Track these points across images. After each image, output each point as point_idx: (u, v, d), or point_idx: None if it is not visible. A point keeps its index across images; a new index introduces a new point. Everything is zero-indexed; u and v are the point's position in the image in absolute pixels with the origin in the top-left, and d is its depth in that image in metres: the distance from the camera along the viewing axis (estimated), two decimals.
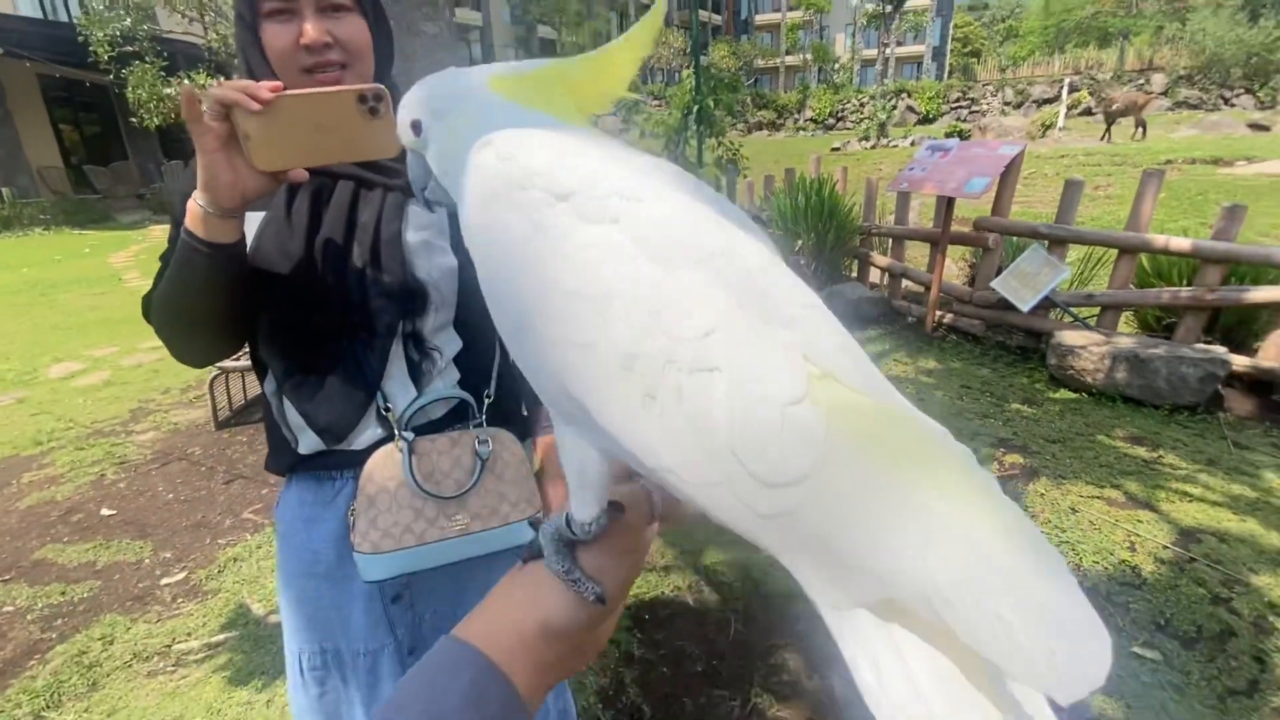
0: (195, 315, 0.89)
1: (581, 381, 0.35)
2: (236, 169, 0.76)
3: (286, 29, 0.86)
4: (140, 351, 5.55)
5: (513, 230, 0.37)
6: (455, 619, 1.05)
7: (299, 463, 1.00)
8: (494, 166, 0.40)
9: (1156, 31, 31.62)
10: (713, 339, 0.32)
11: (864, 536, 0.29)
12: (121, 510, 3.09)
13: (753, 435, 0.31)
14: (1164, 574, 2.22)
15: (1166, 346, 3.48)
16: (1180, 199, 8.89)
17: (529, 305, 0.36)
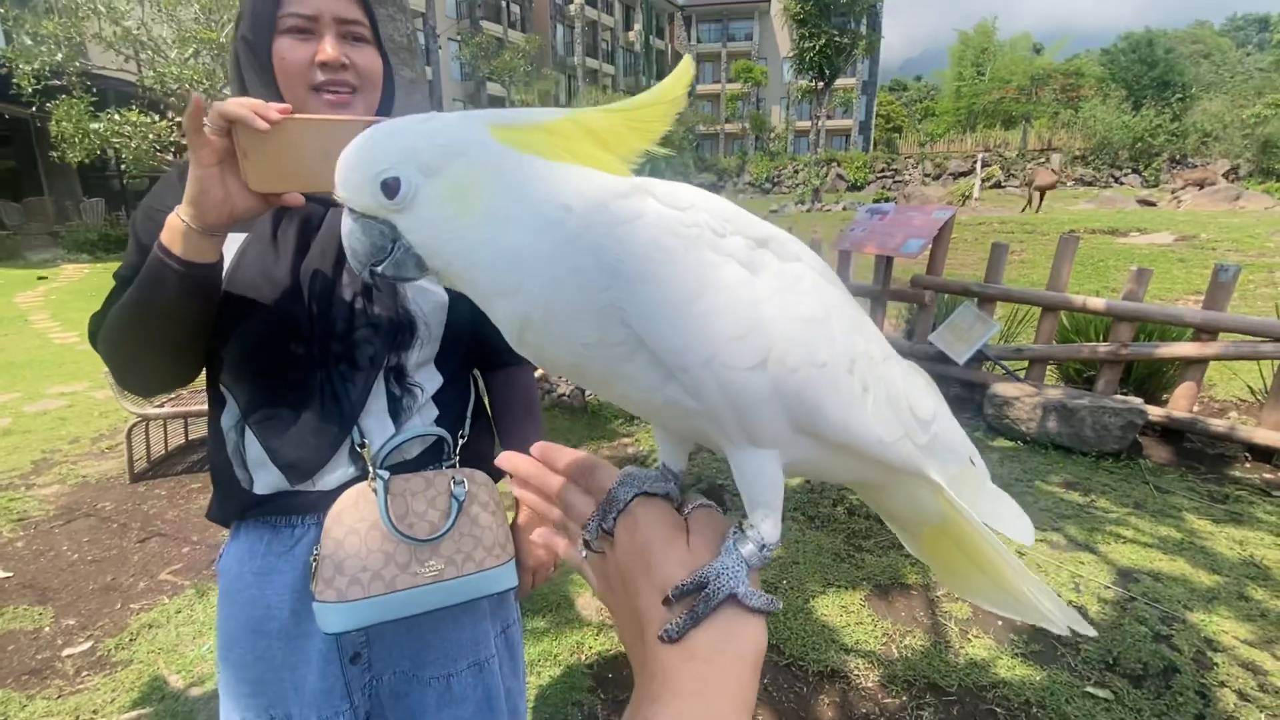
0: (155, 338, 0.83)
1: (819, 393, 0.40)
2: (228, 187, 0.73)
3: (304, 46, 0.86)
4: (46, 397, 5.10)
5: (725, 273, 0.38)
6: (415, 680, 1.00)
7: (251, 507, 0.93)
8: (674, 216, 0.38)
9: (1054, 116, 35.27)
10: (882, 338, 0.45)
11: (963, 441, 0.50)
12: (19, 572, 2.77)
13: (914, 396, 0.46)
14: (1108, 613, 2.31)
15: (1090, 397, 3.74)
16: (1085, 264, 9.73)
17: (761, 333, 0.38)
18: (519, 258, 0.38)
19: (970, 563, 0.49)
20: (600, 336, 0.38)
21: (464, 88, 34.46)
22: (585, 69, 41.41)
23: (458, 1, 33.72)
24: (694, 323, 0.37)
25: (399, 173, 0.39)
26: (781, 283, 0.40)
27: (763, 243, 0.41)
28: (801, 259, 0.42)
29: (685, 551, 0.42)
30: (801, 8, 24.91)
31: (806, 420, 0.40)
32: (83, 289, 10.32)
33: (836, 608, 2.40)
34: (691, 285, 0.37)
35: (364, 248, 0.44)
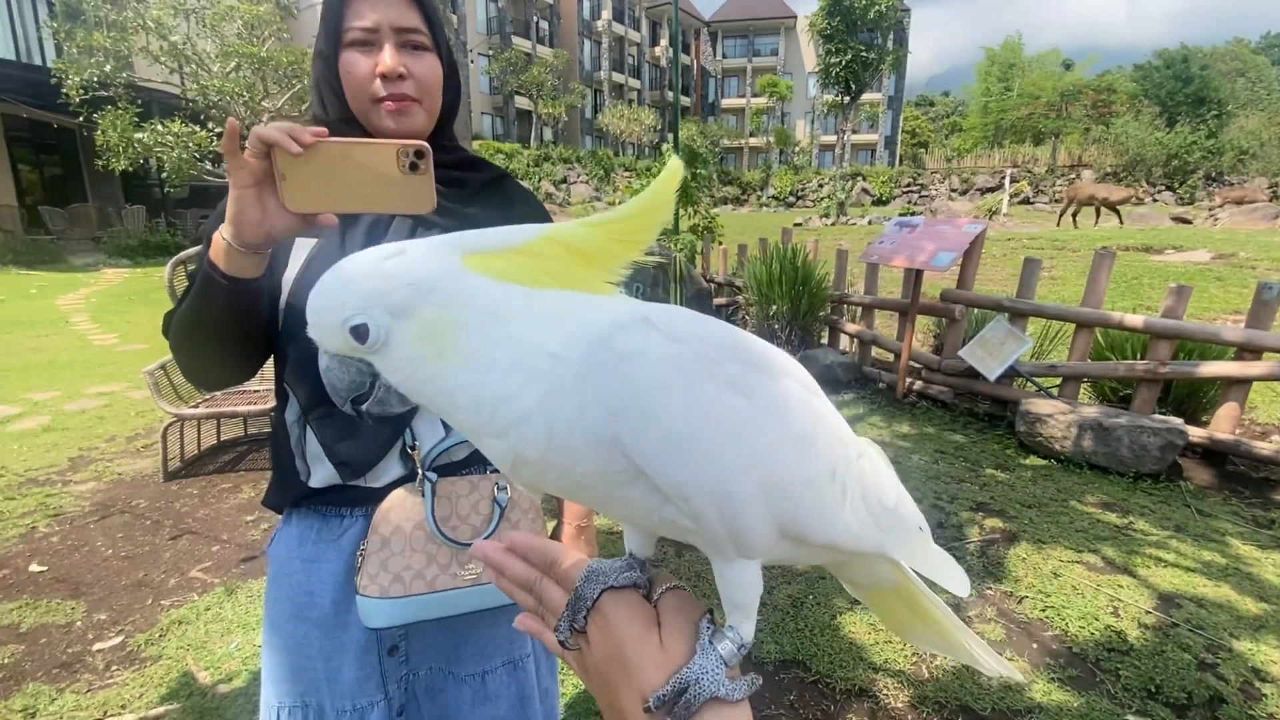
0: (208, 341, 0.87)
1: (805, 506, 0.41)
2: (266, 207, 0.74)
3: (365, 58, 0.87)
4: (85, 397, 5.25)
5: (724, 401, 0.38)
6: (450, 676, 1.00)
7: (306, 497, 0.95)
8: (678, 351, 0.38)
9: (1084, 132, 34.73)
10: (853, 437, 0.46)
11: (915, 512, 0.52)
12: (53, 567, 2.83)
13: (881, 485, 0.48)
14: (1149, 639, 2.23)
15: (1128, 416, 3.64)
16: (1118, 281, 9.52)
17: (759, 462, 0.39)
18: (509, 404, 0.38)
19: (914, 615, 0.54)
20: (601, 469, 0.38)
21: (492, 101, 35.07)
22: (611, 83, 41.89)
23: (488, 18, 34.40)
24: (697, 457, 0.37)
25: (366, 318, 0.38)
26: (774, 404, 0.40)
27: (756, 365, 0.41)
28: (790, 374, 0.43)
29: (659, 652, 0.41)
30: (828, 23, 24.94)
31: (794, 531, 0.42)
32: (122, 293, 10.64)
33: (865, 625, 2.35)
34: (694, 421, 0.37)
35: (343, 385, 0.44)
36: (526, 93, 33.50)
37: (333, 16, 0.88)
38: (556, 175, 30.10)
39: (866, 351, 5.62)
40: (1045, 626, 2.33)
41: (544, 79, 32.62)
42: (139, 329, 7.89)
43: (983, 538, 2.91)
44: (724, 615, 0.44)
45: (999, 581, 2.60)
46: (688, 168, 8.44)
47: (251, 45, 11.81)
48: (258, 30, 12.29)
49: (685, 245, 7.96)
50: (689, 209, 8.74)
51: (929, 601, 0.51)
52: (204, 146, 10.89)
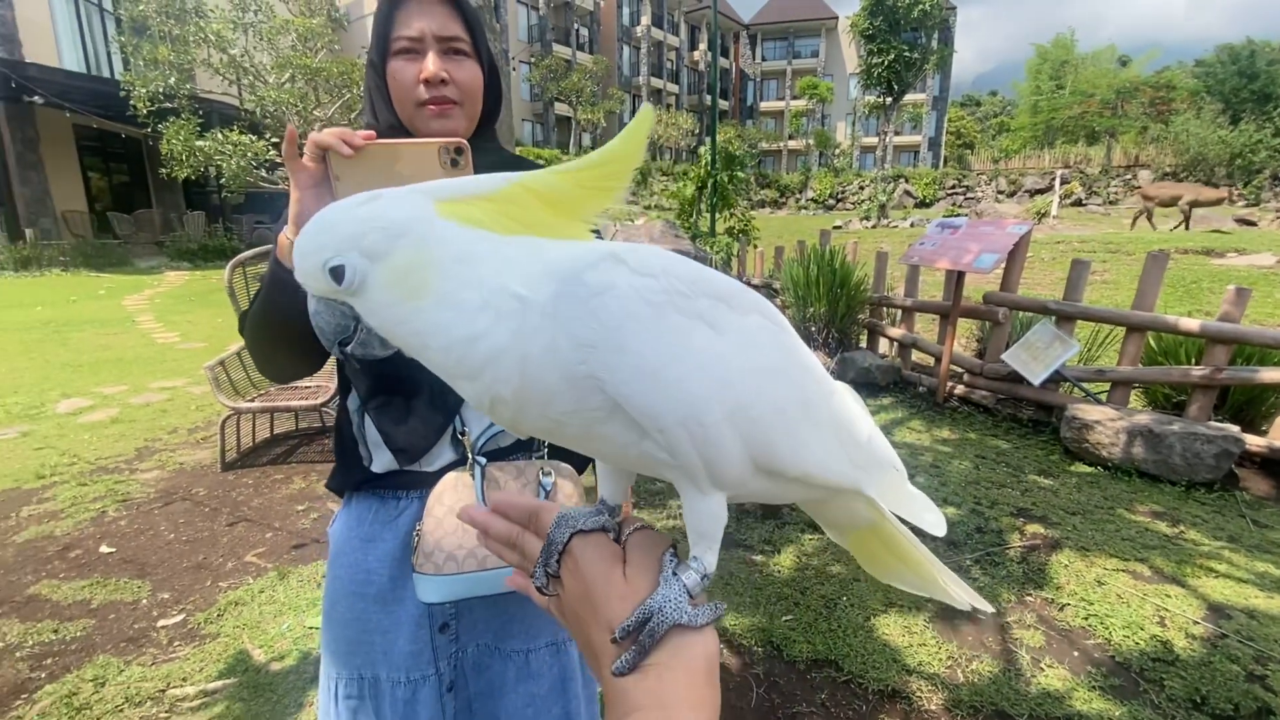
0: (279, 336, 0.93)
1: (776, 435, 0.42)
2: (324, 207, 0.82)
3: (411, 66, 0.94)
4: (150, 391, 5.55)
5: (693, 332, 0.40)
6: (496, 653, 1.05)
7: (367, 481, 1.02)
8: (646, 285, 0.39)
9: (1141, 131, 33.31)
10: (826, 374, 0.48)
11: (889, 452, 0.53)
12: (121, 548, 3.02)
13: (852, 422, 0.48)
14: (1196, 650, 2.16)
15: (1181, 423, 3.50)
16: (1176, 286, 9.13)
17: (729, 390, 0.40)
18: (479, 343, 0.39)
19: (891, 555, 0.54)
20: (577, 406, 0.39)
21: (532, 108, 35.59)
22: (650, 88, 42.07)
23: (530, 26, 34.97)
24: (669, 386, 0.38)
25: (343, 260, 0.39)
26: (743, 337, 0.42)
27: (725, 300, 0.42)
28: (759, 310, 0.44)
29: (624, 585, 0.42)
30: (870, 23, 24.57)
31: (767, 461, 0.42)
32: (183, 294, 11.18)
33: (899, 627, 2.33)
34: (665, 351, 0.38)
35: (329, 327, 0.46)
36: (566, 99, 33.91)
37: (381, 28, 0.95)
38: None
39: (906, 355, 5.53)
40: (1087, 635, 2.28)
41: (583, 85, 32.98)
42: (198, 328, 8.30)
43: (1024, 543, 2.85)
44: (689, 548, 0.45)
45: (1040, 588, 2.54)
46: (725, 170, 8.44)
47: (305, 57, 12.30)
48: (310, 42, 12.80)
49: (722, 248, 7.96)
50: (725, 212, 8.74)
51: (906, 541, 0.51)
52: (260, 155, 11.38)
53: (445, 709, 1.02)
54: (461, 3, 0.96)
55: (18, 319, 8.66)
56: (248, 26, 12.64)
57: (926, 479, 3.48)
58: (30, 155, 14.24)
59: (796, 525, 3.05)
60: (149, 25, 12.43)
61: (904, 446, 3.98)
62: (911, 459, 3.74)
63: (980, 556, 2.77)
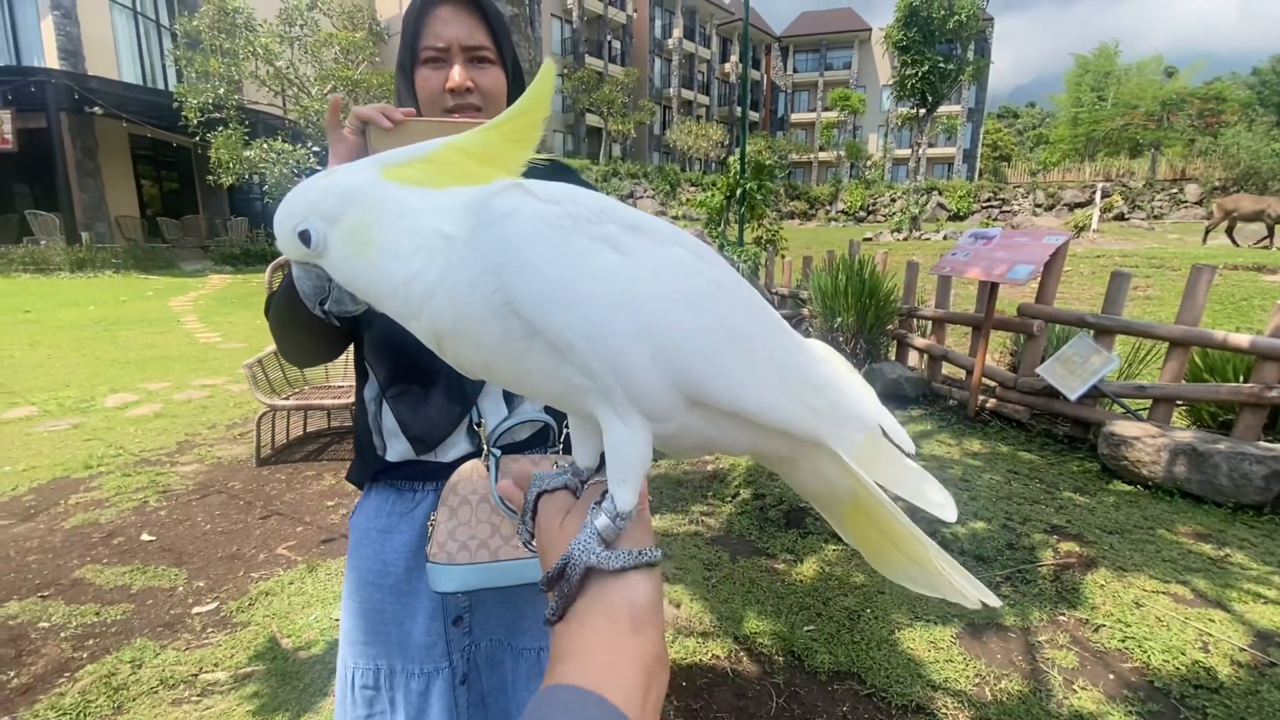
0: (299, 320, 0.95)
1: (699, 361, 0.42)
2: None
3: (438, 74, 0.98)
4: (191, 388, 5.75)
5: (601, 259, 0.41)
6: (509, 649, 1.06)
7: (383, 471, 1.03)
8: (549, 210, 0.41)
9: (1189, 144, 32.28)
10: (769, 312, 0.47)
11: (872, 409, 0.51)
12: (160, 537, 3.12)
13: (807, 363, 0.47)
14: (1242, 678, 2.06)
15: (1228, 443, 3.37)
16: (1224, 302, 8.80)
17: (636, 310, 0.40)
18: (415, 282, 0.42)
19: (889, 541, 0.50)
20: (503, 334, 0.41)
21: (564, 119, 36.08)
22: (680, 99, 42.31)
23: (563, 39, 35.52)
24: (573, 304, 0.40)
25: (307, 225, 0.44)
26: (655, 264, 0.42)
27: (636, 228, 0.43)
28: (681, 243, 0.44)
29: (558, 534, 0.44)
30: (904, 35, 24.34)
31: (693, 389, 0.42)
32: (225, 296, 11.57)
33: (924, 642, 2.28)
34: (568, 269, 0.40)
35: (309, 288, 0.53)
36: (597, 110, 34.29)
37: (410, 36, 0.99)
38: (623, 190, 30.60)
39: (936, 368, 5.43)
40: (1124, 657, 2.20)
41: (615, 97, 33.33)
42: (238, 329, 8.57)
43: (1057, 561, 2.77)
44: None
45: (1074, 608, 2.46)
46: (754, 180, 8.44)
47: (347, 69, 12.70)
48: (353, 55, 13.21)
49: (749, 257, 7.94)
50: (754, 222, 8.72)
51: (894, 518, 0.48)
52: (301, 162, 11.76)
53: (458, 702, 1.03)
54: (486, 11, 0.99)
55: (72, 317, 9.06)
56: (294, 40, 13.11)
57: (955, 492, 3.40)
58: (89, 163, 14.94)
59: (820, 535, 3.02)
60: (202, 39, 12.97)
61: (932, 459, 3.90)
62: (940, 471, 3.66)
63: (1011, 573, 2.70)
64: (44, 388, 5.63)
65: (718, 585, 2.67)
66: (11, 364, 6.47)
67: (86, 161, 14.85)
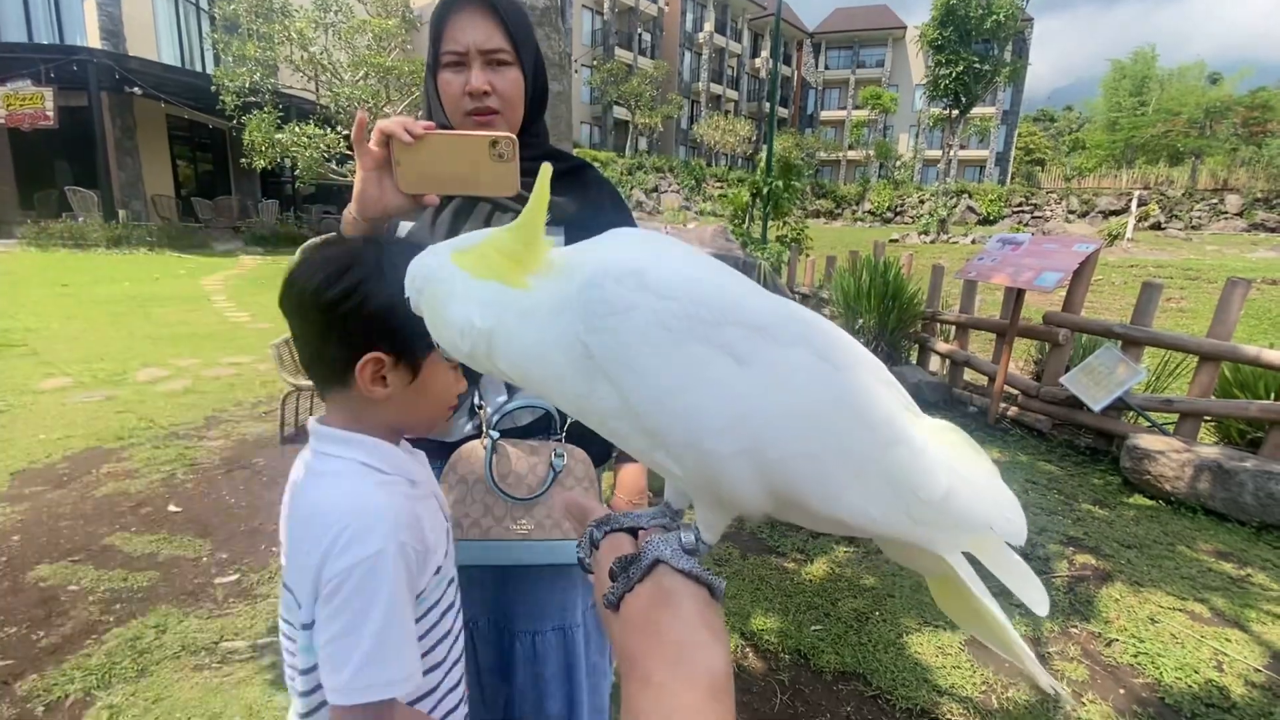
0: None
1: (803, 480, 0.41)
2: (384, 188, 0.89)
3: (458, 77, 1.01)
4: (220, 365, 5.89)
5: (714, 369, 0.40)
6: (505, 631, 1.10)
7: None
8: (666, 308, 0.40)
9: (1231, 153, 31.32)
10: (890, 422, 0.43)
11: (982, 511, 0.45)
12: (187, 509, 3.22)
13: (922, 477, 0.43)
14: (1257, 699, 2.03)
15: (1255, 461, 3.30)
16: (1260, 318, 8.56)
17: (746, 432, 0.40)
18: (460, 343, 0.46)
19: (974, 616, 0.50)
20: (590, 389, 0.41)
21: (591, 111, 36.08)
22: (709, 94, 42.05)
23: (593, 30, 35.48)
24: (678, 415, 0.39)
25: (410, 293, 0.50)
26: (773, 374, 0.40)
27: (759, 330, 0.41)
28: (808, 343, 0.42)
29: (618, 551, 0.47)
30: (940, 34, 23.91)
31: (790, 498, 0.42)
32: (256, 276, 11.80)
33: (932, 647, 2.28)
34: (678, 379, 0.39)
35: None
36: (625, 103, 34.21)
37: (434, 40, 1.03)
38: (648, 184, 30.55)
39: (958, 373, 5.37)
40: (1136, 673, 2.17)
41: (643, 90, 33.21)
42: (267, 310, 8.74)
43: (1072, 573, 2.74)
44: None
45: (1086, 620, 2.44)
46: (782, 179, 8.38)
47: (379, 55, 12.82)
48: (385, 42, 13.33)
49: (772, 255, 7.91)
50: (779, 220, 8.67)
51: (984, 602, 0.46)
52: (332, 147, 11.92)
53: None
54: (504, 14, 1.01)
55: (108, 293, 9.31)
56: (328, 26, 13.26)
57: None
58: (128, 142, 15.29)
59: (831, 536, 3.01)
60: (240, 23, 13.19)
61: None
62: None
63: None
64: (79, 359, 5.81)
65: (727, 581, 2.68)
66: (49, 335, 6.68)
67: (125, 140, 15.20)
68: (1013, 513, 0.46)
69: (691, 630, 0.41)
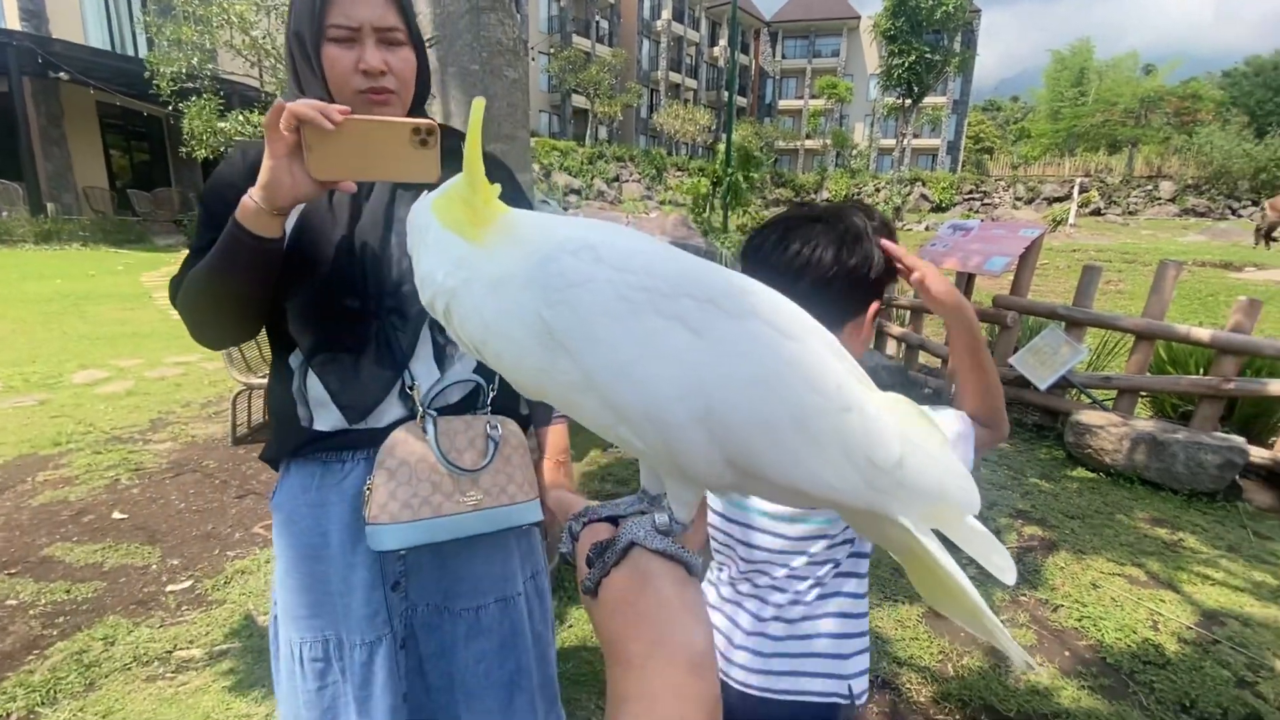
0: (226, 299, 0.94)
1: (759, 447, 0.41)
2: (295, 175, 0.83)
3: (348, 54, 0.95)
4: (164, 365, 5.64)
5: (670, 340, 0.40)
6: (446, 612, 1.08)
7: (309, 443, 1.02)
8: (623, 280, 0.40)
9: (1164, 141, 32.86)
10: (841, 388, 0.44)
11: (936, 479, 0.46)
12: (133, 515, 3.09)
13: (875, 443, 0.43)
14: (1188, 654, 2.17)
15: (1185, 432, 3.50)
16: (1191, 298, 9.05)
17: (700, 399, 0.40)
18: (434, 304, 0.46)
19: (945, 592, 0.50)
20: (551, 363, 0.41)
21: (550, 99, 35.60)
22: (668, 83, 41.95)
23: (550, 16, 34.94)
24: (636, 384, 0.40)
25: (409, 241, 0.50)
26: (726, 344, 0.41)
27: (711, 301, 0.42)
28: (759, 315, 0.43)
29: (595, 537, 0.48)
30: (892, 24, 24.37)
31: (749, 467, 0.42)
32: None
33: (892, 621, 2.36)
34: (635, 350, 0.40)
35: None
36: (584, 91, 33.86)
37: (314, 9, 0.94)
38: (609, 174, 30.35)
39: (913, 356, 5.53)
40: (1080, 635, 2.30)
41: (602, 78, 32.90)
42: None
43: (1020, 544, 2.87)
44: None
45: (1034, 588, 2.56)
46: (741, 170, 8.44)
47: None
48: None
49: (734, 245, 7.97)
50: (739, 209, 8.74)
51: (953, 576, 0.47)
52: None
53: (399, 666, 1.05)
54: None
55: (38, 291, 8.80)
56: (271, 9, 12.69)
57: None
58: (54, 131, 14.41)
59: None
60: (174, 5, 12.54)
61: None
62: None
63: None
64: (8, 362, 5.49)
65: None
66: None
67: (51, 129, 14.32)
68: (965, 482, 0.47)
69: (669, 609, 0.41)
